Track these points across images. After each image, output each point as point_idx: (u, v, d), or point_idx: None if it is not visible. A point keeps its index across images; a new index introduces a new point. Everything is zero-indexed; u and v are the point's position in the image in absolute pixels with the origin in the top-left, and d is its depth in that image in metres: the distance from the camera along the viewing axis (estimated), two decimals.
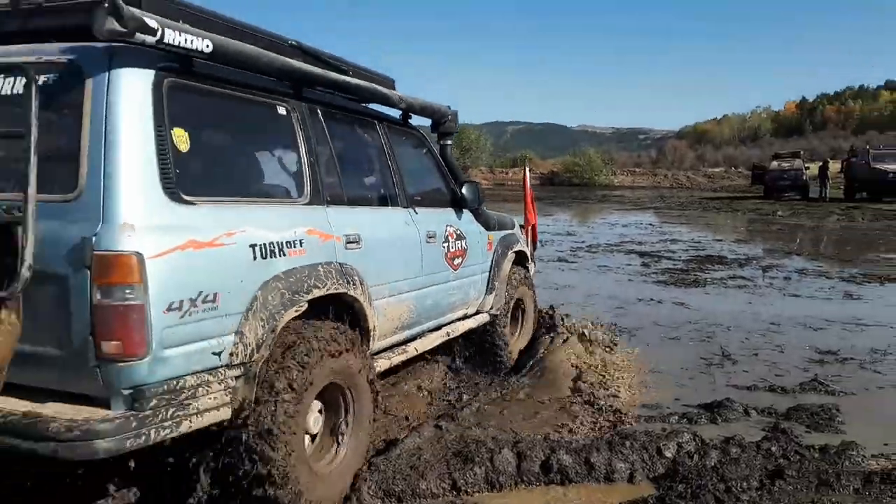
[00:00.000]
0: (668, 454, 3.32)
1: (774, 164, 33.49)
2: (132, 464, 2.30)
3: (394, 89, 3.86)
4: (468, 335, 4.54)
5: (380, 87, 3.61)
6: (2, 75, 2.25)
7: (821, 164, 33.15)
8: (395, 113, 4.08)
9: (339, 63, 3.41)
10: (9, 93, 2.22)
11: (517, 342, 5.06)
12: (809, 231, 18.53)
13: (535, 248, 6.04)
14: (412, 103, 4.01)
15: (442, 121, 4.39)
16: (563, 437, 3.51)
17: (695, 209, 26.51)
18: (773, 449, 3.39)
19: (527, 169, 7.06)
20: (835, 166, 35.35)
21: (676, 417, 4.03)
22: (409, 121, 4.24)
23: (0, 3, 2.49)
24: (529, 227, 5.87)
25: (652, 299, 8.03)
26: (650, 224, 19.51)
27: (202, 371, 2.24)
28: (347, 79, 3.29)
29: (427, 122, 4.44)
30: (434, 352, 4.33)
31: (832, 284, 9.49)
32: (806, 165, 33.62)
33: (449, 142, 4.54)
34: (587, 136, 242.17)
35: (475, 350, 4.72)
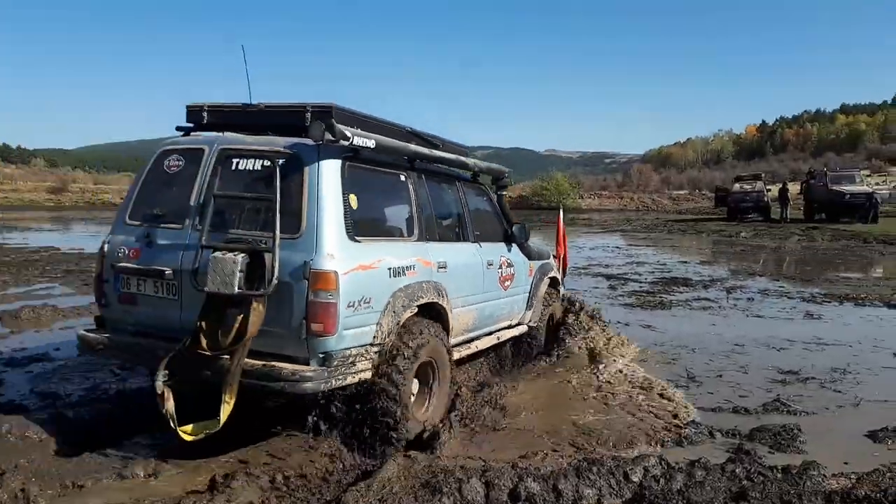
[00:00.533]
0: (635, 478, 3.34)
1: (737, 186, 34.30)
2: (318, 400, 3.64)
3: (467, 157, 5.21)
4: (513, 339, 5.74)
5: (460, 157, 4.97)
6: (253, 158, 3.64)
7: (781, 186, 34.05)
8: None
9: (435, 140, 4.80)
10: (258, 168, 3.61)
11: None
12: (771, 252, 18.95)
13: (564, 274, 7.33)
14: (480, 167, 5.38)
15: (500, 178, 5.81)
16: (531, 464, 3.51)
17: (660, 231, 26.96)
18: (738, 471, 3.43)
19: (561, 212, 8.43)
20: (794, 188, 36.32)
21: (643, 441, 4.06)
22: (477, 178, 5.49)
23: (231, 104, 4.02)
24: (561, 258, 7.16)
25: (619, 322, 8.11)
26: (617, 247, 19.77)
27: (360, 346, 3.55)
28: (440, 153, 4.66)
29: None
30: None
31: (794, 304, 9.70)
32: (767, 187, 34.49)
33: (504, 192, 5.84)
34: (555, 160, 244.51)
35: (519, 346, 5.96)
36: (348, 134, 3.51)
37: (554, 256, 6.77)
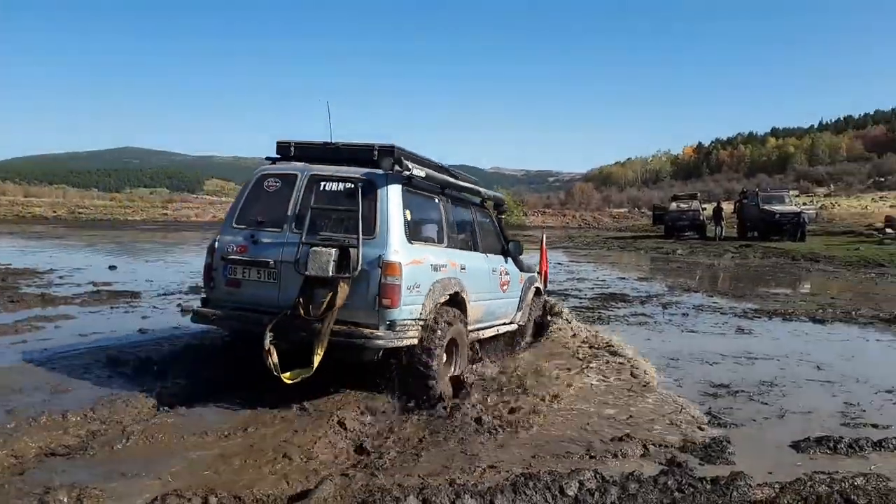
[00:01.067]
0: (570, 492, 3.39)
1: (674, 205, 35.34)
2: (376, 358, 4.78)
3: (479, 186, 6.80)
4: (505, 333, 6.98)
5: (474, 186, 6.58)
6: (338, 182, 4.98)
7: (715, 205, 35.24)
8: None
9: (457, 173, 6.34)
10: (342, 189, 4.95)
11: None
12: (706, 269, 19.56)
13: (546, 286, 8.71)
14: (488, 195, 7.04)
15: (500, 204, 7.60)
16: (469, 481, 3.51)
17: (601, 248, 27.51)
18: (669, 483, 3.52)
19: (544, 235, 10.36)
20: (729, 207, 37.64)
21: (579, 455, 4.11)
22: (484, 203, 7.01)
23: (315, 143, 5.42)
24: (543, 272, 8.73)
25: None
26: (559, 263, 20.07)
27: (411, 319, 4.79)
28: (461, 183, 6.15)
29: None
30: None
31: (726, 320, 10.04)
32: (703, 206, 35.64)
33: (503, 216, 7.49)
34: (500, 177, 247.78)
35: (510, 339, 7.10)
36: (410, 166, 4.89)
37: (538, 272, 8.32)
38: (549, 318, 8.15)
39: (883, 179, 72.10)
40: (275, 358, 4.62)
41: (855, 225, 32.25)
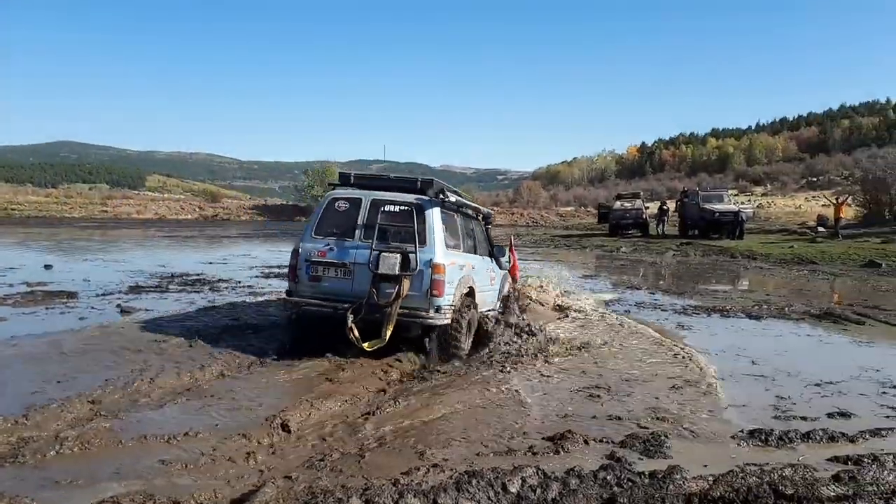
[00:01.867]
0: (513, 489, 3.44)
1: (618, 203, 36.04)
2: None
3: (478, 206, 8.92)
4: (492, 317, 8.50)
5: (476, 205, 8.64)
6: (395, 206, 6.72)
7: (659, 204, 36.09)
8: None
9: (461, 193, 8.24)
10: (398, 211, 6.69)
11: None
12: (649, 266, 20.04)
13: (516, 280, 10.83)
14: (483, 212, 9.01)
15: (488, 217, 9.26)
16: (413, 480, 3.53)
17: (548, 246, 27.88)
18: (609, 477, 3.61)
19: (513, 237, 13.44)
20: (671, 205, 38.59)
21: (523, 452, 4.17)
22: (479, 217, 8.79)
23: (372, 174, 7.72)
24: (514, 266, 10.75)
25: None
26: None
27: (448, 305, 6.59)
28: (469, 203, 8.19)
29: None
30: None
31: (667, 316, 10.32)
32: (646, 205, 36.47)
33: (489, 226, 9.36)
34: (449, 175, 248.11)
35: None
36: (448, 194, 7.01)
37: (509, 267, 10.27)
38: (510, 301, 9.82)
39: (815, 179, 75.00)
40: (356, 332, 6.30)
41: (789, 223, 33.57)
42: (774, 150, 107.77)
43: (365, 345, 6.27)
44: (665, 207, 35.23)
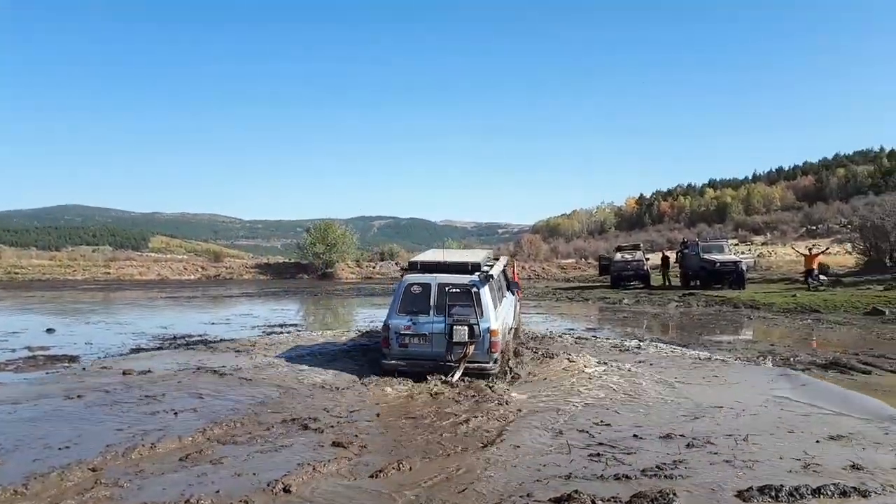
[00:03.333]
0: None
1: (618, 255, 36.10)
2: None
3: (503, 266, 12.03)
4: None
5: (503, 267, 11.76)
6: (455, 287, 9.22)
7: (662, 254, 36.19)
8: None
9: (495, 261, 12.01)
10: (458, 291, 9.18)
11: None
12: (652, 318, 19.95)
13: (521, 295, 13.85)
14: (503, 268, 11.58)
15: (487, 274, 9.64)
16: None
17: (550, 299, 27.79)
18: None
19: (515, 265, 14.82)
20: (671, 256, 38.65)
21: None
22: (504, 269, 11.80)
23: (433, 261, 9.91)
24: (520, 287, 13.74)
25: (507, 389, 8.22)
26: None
27: (499, 355, 9.27)
28: (500, 268, 11.03)
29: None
30: None
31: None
32: (646, 256, 36.54)
33: (508, 271, 12.36)
34: (450, 230, 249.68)
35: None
36: (492, 272, 9.52)
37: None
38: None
39: (815, 228, 75.42)
40: (440, 378, 8.82)
41: (791, 272, 33.55)
42: (772, 200, 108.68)
43: (446, 382, 8.76)
44: (667, 256, 35.33)
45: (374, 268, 55.86)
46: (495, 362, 8.99)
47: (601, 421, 6.71)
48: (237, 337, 13.53)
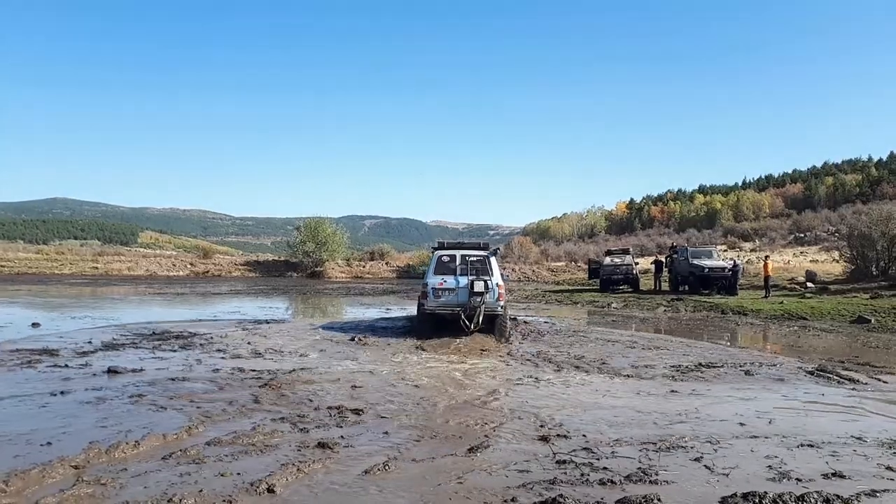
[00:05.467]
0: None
1: (608, 259, 36.21)
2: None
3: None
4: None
5: (496, 249, 14.99)
6: (475, 257, 13.78)
7: (654, 259, 36.32)
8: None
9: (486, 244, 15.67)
10: (476, 260, 13.70)
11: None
12: (641, 322, 20.02)
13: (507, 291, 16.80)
14: (495, 252, 14.52)
15: (495, 250, 14.31)
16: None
17: (539, 302, 27.85)
18: None
19: (506, 276, 20.19)
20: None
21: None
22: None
23: (457, 242, 15.53)
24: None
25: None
26: None
27: (503, 305, 13.56)
28: (493, 249, 14.51)
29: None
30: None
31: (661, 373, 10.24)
32: (636, 261, 36.66)
33: (497, 257, 14.33)
34: (441, 230, 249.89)
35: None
36: (498, 250, 14.54)
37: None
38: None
39: (803, 235, 75.92)
40: (466, 322, 12.76)
41: (779, 279, 33.71)
42: (761, 207, 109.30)
43: (470, 329, 12.92)
44: (660, 261, 35.48)
45: (363, 267, 55.77)
46: (502, 308, 13.33)
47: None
48: (218, 333, 13.47)
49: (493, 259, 13.61)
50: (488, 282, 12.96)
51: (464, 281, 13.04)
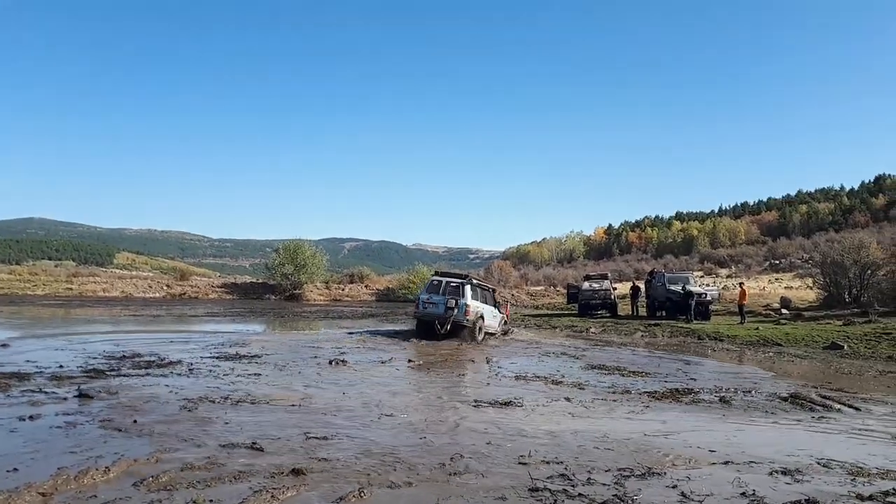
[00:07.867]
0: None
1: (586, 284, 36.45)
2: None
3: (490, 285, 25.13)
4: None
5: (487, 284, 24.34)
6: (455, 283, 20.16)
7: (632, 285, 36.66)
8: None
9: (481, 279, 26.18)
10: (456, 286, 20.02)
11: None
12: (619, 346, 20.12)
13: (508, 319, 24.66)
14: (492, 287, 24.71)
15: (494, 291, 24.58)
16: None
17: (518, 326, 27.89)
18: None
19: (508, 304, 28.54)
20: (640, 285, 39.08)
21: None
22: (490, 290, 23.56)
23: (445, 272, 22.51)
24: (507, 313, 24.74)
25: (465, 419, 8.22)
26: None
27: (470, 320, 19.64)
28: (477, 279, 22.58)
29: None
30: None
31: (637, 397, 10.29)
32: (614, 286, 36.93)
33: (495, 290, 25.53)
34: (421, 254, 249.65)
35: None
36: (473, 278, 21.39)
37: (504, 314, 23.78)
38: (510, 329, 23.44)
39: (778, 262, 77.08)
40: (438, 328, 19.07)
41: (754, 305, 34.10)
42: (737, 234, 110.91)
43: (441, 334, 18.83)
44: (637, 287, 35.81)
45: (342, 290, 55.53)
46: (468, 321, 19.13)
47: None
48: (187, 358, 13.30)
49: (467, 286, 19.70)
50: (459, 301, 19.06)
51: (443, 299, 19.26)
